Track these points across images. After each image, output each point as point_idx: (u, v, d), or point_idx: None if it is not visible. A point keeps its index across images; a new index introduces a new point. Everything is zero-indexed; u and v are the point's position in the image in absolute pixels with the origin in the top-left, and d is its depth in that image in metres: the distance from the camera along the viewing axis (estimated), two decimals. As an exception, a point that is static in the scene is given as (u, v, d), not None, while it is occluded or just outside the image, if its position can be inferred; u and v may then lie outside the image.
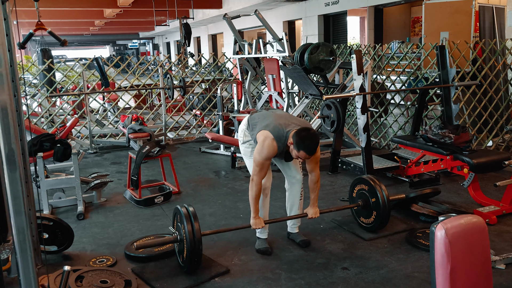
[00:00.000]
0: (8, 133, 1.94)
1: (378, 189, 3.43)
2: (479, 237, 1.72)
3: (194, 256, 2.86)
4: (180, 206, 3.01)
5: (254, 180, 3.01)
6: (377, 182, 3.49)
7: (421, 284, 2.83)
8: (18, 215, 1.98)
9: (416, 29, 13.18)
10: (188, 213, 2.93)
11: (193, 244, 2.84)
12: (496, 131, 5.95)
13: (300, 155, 2.90)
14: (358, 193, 3.65)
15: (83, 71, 6.90)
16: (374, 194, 3.45)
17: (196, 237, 2.85)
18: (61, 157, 4.50)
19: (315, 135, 2.93)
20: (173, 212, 3.15)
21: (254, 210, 3.08)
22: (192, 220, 2.89)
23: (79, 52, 35.73)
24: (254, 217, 3.10)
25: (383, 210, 3.39)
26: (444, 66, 5.05)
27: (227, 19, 7.07)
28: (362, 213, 3.61)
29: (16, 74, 2.57)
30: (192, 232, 2.85)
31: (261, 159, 2.98)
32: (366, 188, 3.55)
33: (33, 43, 21.34)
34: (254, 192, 3.03)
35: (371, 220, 3.50)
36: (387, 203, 3.40)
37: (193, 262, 2.89)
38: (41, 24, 4.00)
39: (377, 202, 3.43)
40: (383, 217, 3.42)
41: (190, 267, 2.93)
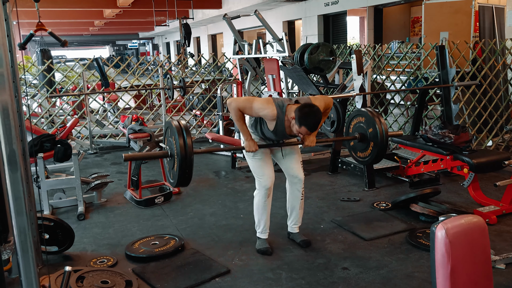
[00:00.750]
0: (9, 133, 1.95)
1: (376, 119, 3.37)
2: (480, 237, 1.72)
3: (185, 168, 2.78)
4: (171, 120, 2.95)
5: (231, 104, 2.99)
6: (374, 113, 3.43)
7: (421, 284, 2.83)
8: (19, 215, 1.98)
9: (416, 29, 13.19)
10: (179, 126, 2.84)
11: (185, 157, 2.75)
12: (496, 131, 5.95)
13: (301, 130, 2.88)
14: (355, 127, 3.58)
15: (83, 72, 6.90)
16: (372, 124, 3.39)
17: (188, 150, 2.77)
18: (62, 158, 4.51)
19: (318, 111, 2.89)
20: (164, 126, 3.05)
21: (244, 133, 3.07)
22: (184, 134, 2.80)
23: (79, 53, 35.71)
24: (246, 139, 3.08)
25: (381, 140, 3.33)
26: (444, 66, 5.06)
27: (227, 19, 7.07)
28: (359, 147, 3.56)
29: (17, 75, 2.58)
30: (184, 145, 2.76)
31: (253, 100, 2.98)
32: (363, 120, 3.48)
33: (33, 44, 21.31)
34: (235, 115, 3.01)
35: (368, 153, 3.45)
36: (385, 133, 3.34)
37: (185, 174, 2.80)
38: (42, 25, 4.00)
39: (374, 132, 3.37)
40: (380, 148, 3.35)
41: (181, 180, 2.85)
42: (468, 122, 5.79)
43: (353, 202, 4.29)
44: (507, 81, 6.08)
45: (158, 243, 3.42)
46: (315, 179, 5.07)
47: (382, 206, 4.13)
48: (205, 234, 3.70)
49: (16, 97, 2.43)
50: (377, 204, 4.19)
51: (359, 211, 4.06)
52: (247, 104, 2.98)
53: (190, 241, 3.55)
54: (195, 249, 3.39)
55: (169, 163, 3.00)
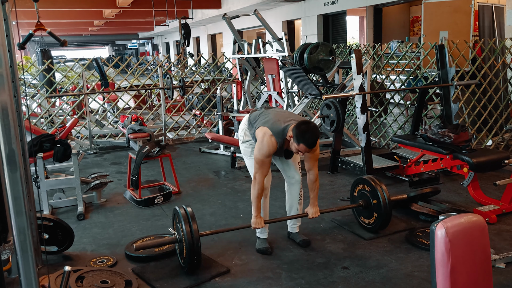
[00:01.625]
0: (9, 133, 1.95)
1: (379, 190, 3.43)
2: (479, 236, 1.72)
3: (193, 256, 2.86)
4: (178, 207, 3.01)
5: (256, 179, 3.01)
6: (378, 182, 3.48)
7: (421, 283, 2.83)
8: (19, 215, 1.98)
9: (415, 28, 13.19)
10: (186, 214, 2.93)
11: (192, 244, 2.84)
12: (495, 130, 5.95)
13: (300, 148, 2.89)
14: (359, 193, 3.64)
15: (82, 72, 6.90)
16: (375, 195, 3.45)
17: (195, 237, 2.85)
18: (61, 158, 4.50)
19: (315, 128, 2.92)
20: (172, 213, 3.15)
21: (256, 209, 3.08)
22: (190, 221, 2.89)
23: (79, 53, 35.71)
24: (255, 216, 3.10)
25: (384, 212, 3.39)
26: (444, 66, 5.06)
27: (227, 19, 7.07)
28: (363, 213, 3.61)
29: (16, 75, 2.57)
30: (191, 232, 2.85)
31: (261, 156, 2.98)
32: (368, 189, 3.54)
33: (33, 44, 21.33)
34: (256, 190, 3.02)
35: (372, 221, 3.50)
36: (388, 205, 3.39)
37: (193, 261, 2.89)
38: (41, 25, 3.99)
39: (378, 203, 3.43)
40: (384, 219, 3.42)
41: (190, 267, 2.93)
42: (468, 121, 5.79)
43: (353, 202, 4.29)
44: (506, 80, 6.08)
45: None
46: (315, 178, 5.07)
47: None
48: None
49: (16, 97, 2.43)
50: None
51: (359, 211, 4.06)
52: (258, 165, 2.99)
53: (190, 241, 3.54)
54: (195, 249, 3.38)
55: (179, 247, 3.08)
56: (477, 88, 5.84)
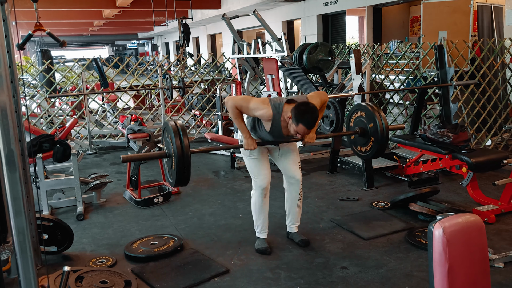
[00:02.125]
0: (8, 134, 1.95)
1: (376, 114, 3.37)
2: (477, 235, 1.73)
3: (183, 166, 2.79)
4: (168, 120, 2.95)
5: (228, 102, 3.00)
6: (375, 108, 3.43)
7: (420, 283, 2.83)
8: (18, 216, 1.98)
9: (414, 28, 13.20)
10: (176, 127, 2.85)
11: (182, 156, 2.76)
12: (494, 130, 5.96)
13: (298, 129, 2.88)
14: (356, 121, 3.57)
15: (82, 72, 6.90)
16: (372, 119, 3.38)
17: (185, 148, 2.78)
18: (61, 158, 4.51)
19: (314, 109, 2.90)
20: (162, 127, 3.06)
21: (242, 130, 3.06)
22: (181, 134, 2.81)
23: (78, 53, 35.70)
24: (245, 137, 3.07)
25: (381, 136, 3.33)
26: (443, 66, 5.07)
27: (226, 19, 7.07)
28: (359, 142, 3.55)
29: (15, 75, 2.58)
30: (181, 145, 2.78)
31: (249, 98, 3.00)
32: (364, 115, 3.47)
33: (32, 44, 21.33)
34: (233, 113, 3.01)
35: (369, 147, 3.44)
36: (385, 128, 3.33)
37: (182, 172, 2.81)
38: (40, 25, 3.99)
39: (375, 127, 3.36)
40: (381, 143, 3.35)
41: (179, 178, 2.86)
42: (467, 121, 5.79)
43: (352, 202, 4.30)
44: (505, 80, 6.08)
45: (157, 243, 3.42)
46: (314, 178, 5.08)
47: (381, 206, 4.13)
48: (204, 234, 3.70)
49: (15, 97, 2.44)
50: (376, 203, 4.19)
51: (358, 211, 4.06)
52: (243, 103, 2.99)
53: (189, 241, 3.55)
54: (194, 249, 3.39)
55: (167, 163, 3.01)
56: (476, 88, 5.84)
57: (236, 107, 2.99)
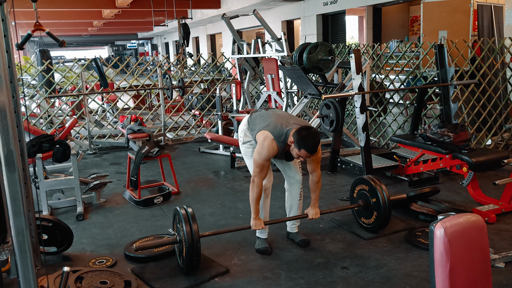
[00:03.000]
0: (7, 134, 1.94)
1: (378, 189, 3.43)
2: (478, 235, 1.72)
3: (193, 256, 2.86)
4: (179, 207, 3.00)
5: (255, 182, 3.00)
6: (377, 182, 3.48)
7: (420, 283, 2.83)
8: (17, 216, 1.97)
9: (414, 28, 13.19)
10: (186, 215, 2.93)
11: (192, 245, 2.84)
12: (495, 130, 5.95)
13: (301, 154, 2.89)
14: (359, 193, 3.64)
15: (81, 72, 6.89)
16: (375, 194, 3.45)
17: (195, 238, 2.85)
18: (60, 158, 4.50)
19: (316, 133, 2.92)
20: (172, 213, 3.15)
21: (255, 211, 3.08)
22: (191, 222, 2.89)
23: (78, 53, 35.71)
24: (254, 218, 3.09)
25: (384, 211, 3.39)
26: (443, 65, 5.06)
27: (226, 19, 7.07)
28: (363, 214, 3.60)
29: (15, 75, 2.57)
30: (191, 233, 2.85)
31: (261, 160, 2.98)
32: (367, 189, 3.54)
33: (32, 44, 21.34)
34: (255, 193, 3.01)
35: (372, 221, 3.50)
36: (388, 204, 3.39)
37: (192, 262, 2.89)
38: (39, 25, 3.98)
39: (377, 202, 3.42)
40: (384, 218, 3.41)
41: (189, 267, 2.93)
42: (467, 121, 5.78)
43: (352, 202, 4.29)
44: (506, 80, 6.08)
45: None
46: (314, 178, 5.06)
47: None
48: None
49: (14, 97, 2.43)
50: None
51: (358, 211, 4.05)
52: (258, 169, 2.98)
53: (189, 241, 3.54)
54: (194, 249, 3.38)
55: (178, 248, 3.07)
56: (477, 87, 5.83)
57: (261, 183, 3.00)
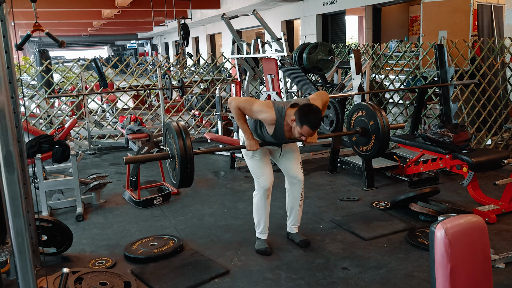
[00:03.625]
0: (6, 135, 1.94)
1: (377, 113, 3.36)
2: (479, 236, 1.72)
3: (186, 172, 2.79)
4: (171, 122, 2.93)
5: (232, 103, 2.98)
6: (376, 107, 3.41)
7: (421, 284, 2.82)
8: (16, 217, 1.97)
9: (414, 28, 13.19)
10: (179, 129, 2.84)
11: (185, 160, 2.75)
12: (495, 130, 5.95)
13: (303, 130, 2.86)
14: (356, 121, 3.57)
15: (81, 72, 6.89)
16: (373, 117, 3.38)
17: (188, 153, 2.77)
18: (60, 158, 4.49)
19: (318, 110, 2.89)
20: (164, 128, 3.06)
21: (245, 131, 3.05)
22: (184, 135, 2.80)
23: (78, 53, 35.69)
24: (247, 138, 3.06)
25: (382, 133, 3.32)
26: (443, 65, 5.06)
27: (225, 19, 7.06)
28: (360, 141, 3.54)
29: (14, 76, 2.56)
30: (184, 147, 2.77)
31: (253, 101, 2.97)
32: (364, 114, 3.47)
33: (31, 44, 21.33)
34: (236, 114, 2.99)
35: (370, 146, 3.43)
36: (386, 125, 3.32)
37: (185, 177, 2.81)
38: (39, 25, 3.97)
39: (375, 125, 3.35)
40: (382, 140, 3.33)
41: (181, 183, 2.86)
42: (467, 121, 5.78)
43: (352, 202, 4.29)
44: (505, 80, 6.07)
45: (157, 243, 3.41)
46: (314, 178, 5.07)
47: (382, 206, 4.12)
48: (204, 234, 3.69)
49: (13, 98, 2.42)
50: (377, 203, 4.18)
51: (358, 211, 4.05)
52: (246, 105, 2.97)
53: (189, 241, 3.54)
54: (194, 249, 3.38)
55: (170, 164, 3.00)
56: (476, 87, 5.83)
57: (239, 108, 2.98)
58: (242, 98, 3.04)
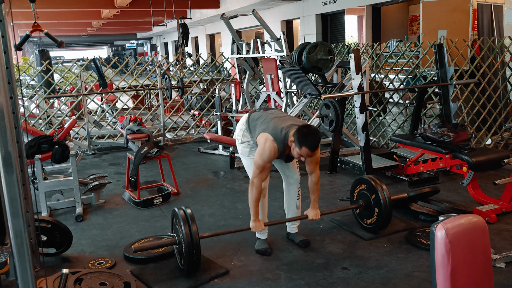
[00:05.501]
0: (5, 135, 1.93)
1: (378, 188, 3.42)
2: (480, 237, 1.71)
3: (193, 257, 2.85)
4: (177, 208, 2.98)
5: (254, 183, 2.98)
6: (378, 181, 3.47)
7: (421, 284, 2.82)
8: (16, 217, 1.96)
9: (414, 27, 13.19)
10: (185, 216, 2.91)
11: (192, 246, 2.82)
12: (494, 129, 5.94)
13: (302, 152, 2.86)
14: (359, 194, 3.63)
15: (81, 72, 6.88)
16: (374, 191, 3.43)
17: (194, 239, 2.83)
18: (59, 159, 4.49)
19: (316, 131, 2.90)
20: (171, 214, 3.13)
21: (254, 213, 3.06)
22: (190, 223, 2.87)
23: (77, 53, 35.67)
24: (253, 220, 3.07)
25: (385, 207, 3.36)
26: (442, 65, 5.05)
27: (225, 19, 7.06)
28: (364, 214, 3.59)
29: (13, 76, 2.56)
30: (190, 234, 2.83)
31: (262, 162, 2.96)
32: (366, 187, 3.53)
33: (31, 45, 21.34)
34: (254, 195, 2.99)
35: (374, 219, 3.47)
36: (389, 202, 3.37)
37: (192, 263, 2.87)
38: (38, 26, 3.97)
39: (377, 198, 3.40)
40: (385, 214, 3.38)
41: (189, 269, 2.91)
42: (467, 120, 5.78)
43: (352, 202, 4.28)
44: (505, 79, 6.07)
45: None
46: (314, 178, 5.05)
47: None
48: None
49: (12, 98, 2.41)
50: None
51: (358, 211, 4.04)
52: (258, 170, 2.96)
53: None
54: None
55: (177, 249, 3.05)
56: (476, 87, 5.83)
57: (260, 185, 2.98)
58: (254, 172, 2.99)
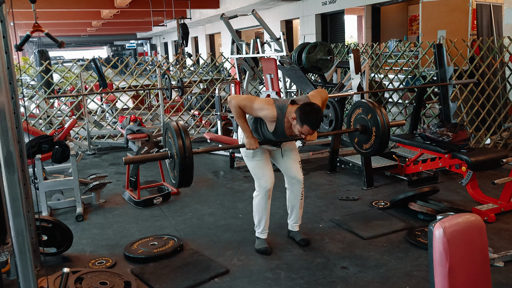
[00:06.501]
0: (6, 135, 1.94)
1: (376, 108, 3.36)
2: (478, 235, 1.72)
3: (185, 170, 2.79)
4: (169, 121, 2.94)
5: (232, 101, 2.97)
6: (375, 104, 3.40)
7: (420, 283, 2.83)
8: (17, 217, 1.98)
9: (413, 27, 13.20)
10: (178, 128, 2.83)
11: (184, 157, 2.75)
12: (494, 129, 5.96)
13: (303, 130, 2.85)
14: (356, 119, 3.58)
15: (81, 72, 6.89)
16: (370, 110, 3.38)
17: (187, 148, 2.76)
18: (60, 159, 4.50)
19: (319, 109, 2.89)
20: (163, 129, 3.05)
21: (245, 130, 3.05)
22: (183, 135, 2.80)
23: (77, 53, 35.66)
24: (247, 137, 3.05)
25: (382, 128, 3.31)
26: (442, 65, 5.06)
27: (225, 19, 7.06)
28: (362, 140, 3.54)
29: (14, 76, 2.57)
30: (183, 146, 2.76)
31: (253, 98, 2.97)
32: (362, 110, 3.49)
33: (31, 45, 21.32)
34: (236, 112, 2.98)
35: (372, 141, 3.42)
36: (385, 117, 3.31)
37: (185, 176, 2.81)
38: (38, 26, 3.98)
39: (374, 117, 3.35)
40: (382, 132, 3.32)
41: (181, 182, 2.86)
42: (466, 120, 5.79)
43: (352, 201, 4.29)
44: (504, 79, 6.08)
45: (156, 243, 3.42)
46: (313, 178, 5.07)
47: (381, 205, 4.13)
48: (204, 234, 3.69)
49: (13, 98, 2.43)
50: (376, 203, 4.19)
51: (357, 210, 4.06)
52: (247, 102, 2.96)
53: (189, 241, 3.55)
54: (194, 249, 3.38)
55: (169, 164, 2.99)
56: (476, 87, 5.84)
57: (239, 106, 2.97)
58: (242, 96, 3.03)
